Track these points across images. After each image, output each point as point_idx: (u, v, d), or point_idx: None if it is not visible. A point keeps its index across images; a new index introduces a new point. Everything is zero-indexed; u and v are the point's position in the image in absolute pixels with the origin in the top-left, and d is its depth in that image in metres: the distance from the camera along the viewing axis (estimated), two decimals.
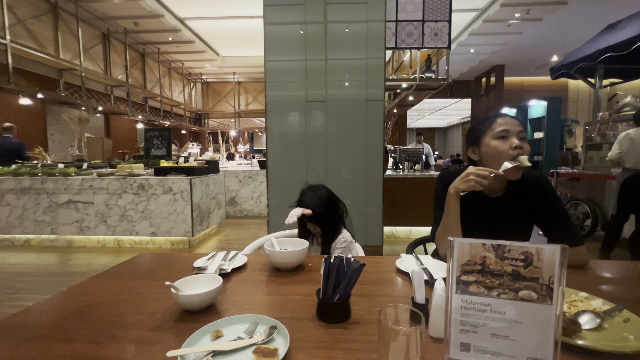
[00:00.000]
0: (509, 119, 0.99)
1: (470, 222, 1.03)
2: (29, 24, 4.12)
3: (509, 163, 0.93)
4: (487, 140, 1.00)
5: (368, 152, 2.73)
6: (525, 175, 1.03)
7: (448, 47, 3.49)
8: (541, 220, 1.03)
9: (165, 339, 0.58)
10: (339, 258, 0.67)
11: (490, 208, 1.05)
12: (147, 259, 1.05)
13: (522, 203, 1.03)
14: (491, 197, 1.05)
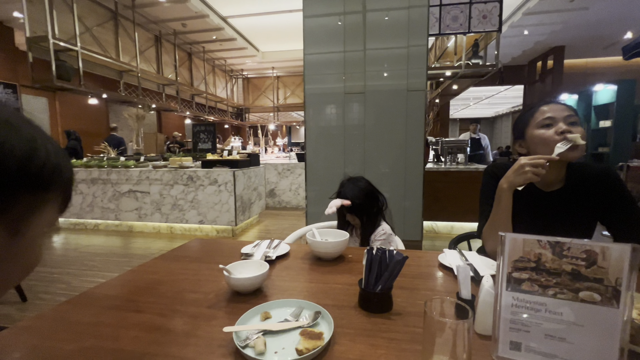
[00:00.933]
0: (553, 105, 0.92)
1: (522, 218, 0.96)
2: (94, 31, 4.59)
3: (562, 144, 0.85)
4: (532, 130, 0.94)
5: (408, 145, 2.65)
6: (588, 168, 0.94)
7: (498, 30, 3.23)
8: (607, 218, 0.93)
9: (219, 316, 0.64)
10: (381, 250, 0.67)
11: (545, 203, 0.97)
12: (199, 245, 1.14)
13: (584, 197, 0.94)
14: (547, 191, 0.97)
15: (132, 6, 4.94)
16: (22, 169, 0.28)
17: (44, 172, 0.30)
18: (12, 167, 0.27)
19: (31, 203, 0.30)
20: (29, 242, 0.31)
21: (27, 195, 0.29)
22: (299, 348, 0.50)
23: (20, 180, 0.28)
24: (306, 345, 0.50)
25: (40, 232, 0.32)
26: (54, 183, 0.31)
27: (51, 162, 0.30)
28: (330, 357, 0.51)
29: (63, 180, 0.32)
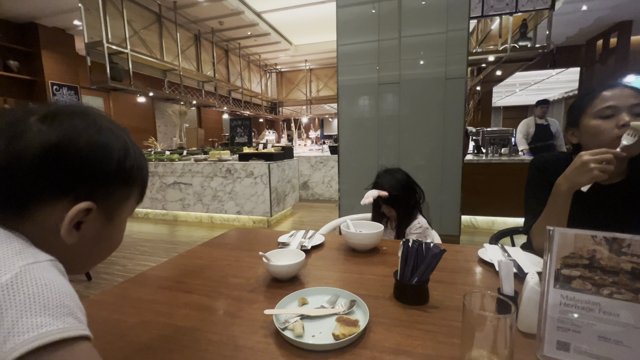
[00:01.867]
0: (618, 90, 0.78)
1: (575, 213, 0.86)
2: (141, 34, 4.92)
3: (629, 136, 0.73)
4: (587, 119, 0.82)
5: (446, 135, 2.54)
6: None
7: (551, 7, 2.94)
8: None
9: (260, 299, 0.68)
10: (417, 242, 0.67)
11: (602, 197, 0.87)
12: (238, 233, 1.21)
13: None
14: (604, 184, 0.88)
15: (174, 7, 5.21)
16: (120, 167, 0.35)
17: (133, 170, 0.37)
18: (113, 166, 0.35)
19: (122, 195, 0.37)
20: (117, 226, 0.39)
21: (120, 188, 0.37)
22: (335, 333, 0.52)
23: (118, 175, 0.36)
24: (342, 331, 0.52)
25: (124, 219, 0.40)
26: (137, 179, 0.39)
27: (137, 162, 0.38)
28: (366, 344, 0.52)
29: (143, 177, 0.41)
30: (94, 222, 0.35)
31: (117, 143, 0.36)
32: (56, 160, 0.31)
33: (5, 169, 0.30)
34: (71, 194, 0.33)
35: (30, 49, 5.54)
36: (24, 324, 0.25)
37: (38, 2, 4.82)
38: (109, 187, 0.35)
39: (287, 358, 0.49)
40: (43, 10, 5.10)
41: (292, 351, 0.51)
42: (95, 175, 0.34)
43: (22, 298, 0.26)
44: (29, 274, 0.27)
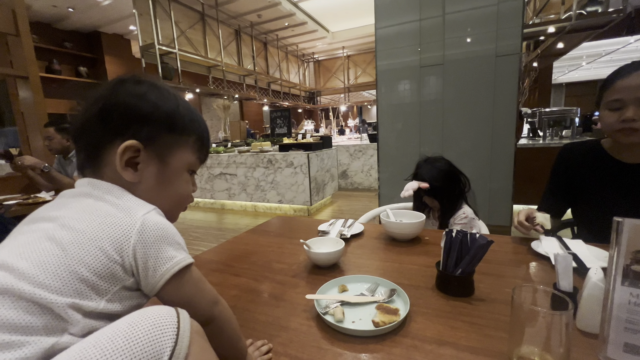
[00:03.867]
0: (630, 80, 0.75)
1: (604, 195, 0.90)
2: (187, 33, 5.21)
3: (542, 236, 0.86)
4: (602, 106, 0.83)
5: (496, 118, 2.35)
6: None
7: None
8: None
9: (302, 285, 0.71)
10: (462, 232, 0.64)
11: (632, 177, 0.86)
12: (280, 221, 1.26)
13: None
14: (631, 163, 0.86)
15: (215, 5, 5.41)
16: (159, 112, 0.41)
17: (176, 117, 0.43)
18: (150, 110, 0.41)
19: (170, 140, 0.43)
20: (175, 172, 0.44)
21: (165, 132, 0.42)
22: (375, 320, 0.53)
23: (158, 120, 0.41)
24: (382, 318, 0.53)
25: (181, 168, 0.45)
26: (190, 129, 0.45)
27: (189, 116, 0.45)
28: (406, 333, 0.52)
29: (198, 129, 0.46)
30: (148, 162, 0.41)
31: (155, 94, 0.42)
32: (106, 110, 0.40)
33: (85, 126, 0.41)
34: (121, 136, 0.40)
35: (96, 55, 6.18)
36: (164, 257, 0.36)
37: (100, 11, 5.33)
38: (151, 129, 0.41)
39: (328, 341, 0.51)
40: (105, 18, 5.63)
41: (332, 335, 0.53)
42: (135, 119, 0.40)
43: (153, 240, 0.36)
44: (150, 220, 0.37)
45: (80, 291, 0.32)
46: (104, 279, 0.34)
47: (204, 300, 0.40)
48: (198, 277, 0.40)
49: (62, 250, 0.33)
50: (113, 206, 0.37)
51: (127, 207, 0.37)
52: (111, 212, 0.36)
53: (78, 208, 0.37)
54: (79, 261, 0.33)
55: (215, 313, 0.41)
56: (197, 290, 0.39)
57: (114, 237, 0.34)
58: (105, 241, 0.34)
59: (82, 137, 0.41)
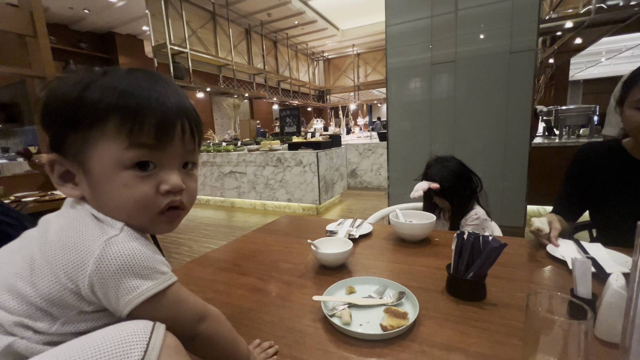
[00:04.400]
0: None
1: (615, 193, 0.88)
2: (198, 33, 5.27)
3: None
4: (626, 105, 0.80)
5: (509, 117, 2.29)
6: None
7: None
8: None
9: (309, 285, 0.70)
10: (473, 235, 0.62)
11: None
12: (288, 221, 1.25)
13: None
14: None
15: (226, 4, 5.45)
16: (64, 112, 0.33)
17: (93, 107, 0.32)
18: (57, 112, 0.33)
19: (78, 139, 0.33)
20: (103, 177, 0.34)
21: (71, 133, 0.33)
22: (383, 324, 0.52)
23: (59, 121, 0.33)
24: (391, 322, 0.51)
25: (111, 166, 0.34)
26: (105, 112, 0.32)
27: (106, 96, 0.32)
28: (415, 338, 0.51)
29: (123, 104, 0.33)
30: (76, 173, 0.35)
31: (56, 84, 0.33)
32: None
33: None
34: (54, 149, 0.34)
35: (110, 55, 6.31)
36: (127, 288, 0.32)
37: (114, 12, 5.44)
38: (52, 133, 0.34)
39: (334, 344, 0.51)
40: (119, 19, 5.74)
41: (339, 337, 0.52)
42: (47, 122, 0.33)
43: (113, 271, 0.31)
44: (112, 248, 0.32)
45: (29, 313, 0.31)
46: (55, 305, 0.31)
47: (185, 320, 0.36)
48: (175, 299, 0.35)
49: (28, 268, 0.32)
50: (77, 228, 0.33)
51: (88, 229, 0.32)
52: (75, 233, 0.32)
53: (59, 223, 0.34)
54: (30, 283, 0.31)
55: (200, 330, 0.38)
56: (175, 312, 0.35)
57: (68, 264, 0.31)
58: (59, 267, 0.31)
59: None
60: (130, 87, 0.33)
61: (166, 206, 0.36)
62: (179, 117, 0.35)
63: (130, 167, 0.33)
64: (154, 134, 0.33)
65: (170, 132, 0.34)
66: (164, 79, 0.36)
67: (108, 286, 0.31)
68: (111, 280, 0.31)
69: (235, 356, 0.42)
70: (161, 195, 0.35)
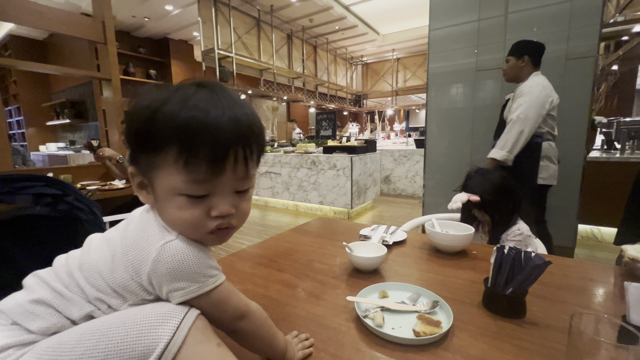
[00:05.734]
0: None
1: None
2: (244, 38, 5.55)
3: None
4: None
5: (562, 127, 2.13)
6: None
7: None
8: None
9: (342, 287, 0.73)
10: (515, 249, 0.60)
11: None
12: (322, 223, 1.29)
13: None
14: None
15: (270, 11, 5.68)
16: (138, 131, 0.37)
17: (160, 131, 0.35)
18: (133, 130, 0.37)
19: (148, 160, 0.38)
20: (164, 198, 0.39)
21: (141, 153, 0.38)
22: (416, 330, 0.52)
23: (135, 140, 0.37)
24: (424, 329, 0.52)
25: (169, 192, 0.38)
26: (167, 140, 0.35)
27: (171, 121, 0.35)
28: (448, 347, 0.51)
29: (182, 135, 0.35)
30: (148, 186, 0.39)
31: (139, 99, 0.36)
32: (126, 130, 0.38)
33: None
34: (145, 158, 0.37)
35: (164, 59, 6.85)
36: (175, 288, 0.37)
37: (170, 20, 5.91)
38: (131, 149, 0.38)
39: (367, 344, 0.52)
40: (173, 26, 6.22)
41: (371, 338, 0.54)
42: (129, 137, 0.37)
43: (165, 272, 0.36)
44: (166, 252, 0.36)
45: (107, 292, 0.38)
46: (126, 291, 0.38)
47: (226, 317, 0.41)
48: (218, 299, 0.39)
49: (111, 257, 0.39)
50: (144, 230, 0.39)
51: (152, 233, 0.38)
52: (141, 236, 0.38)
53: (134, 223, 0.41)
54: (110, 271, 0.38)
55: (240, 326, 0.42)
56: (217, 311, 0.39)
57: (135, 260, 0.37)
58: (130, 261, 0.37)
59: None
60: (189, 119, 0.34)
61: (215, 228, 0.39)
62: (233, 148, 0.36)
63: (187, 195, 0.36)
64: (205, 170, 0.35)
65: (223, 166, 0.36)
66: (228, 100, 0.37)
67: (161, 283, 0.37)
68: (163, 279, 0.36)
69: (272, 349, 0.46)
70: (211, 219, 0.38)
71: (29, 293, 0.38)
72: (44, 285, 0.39)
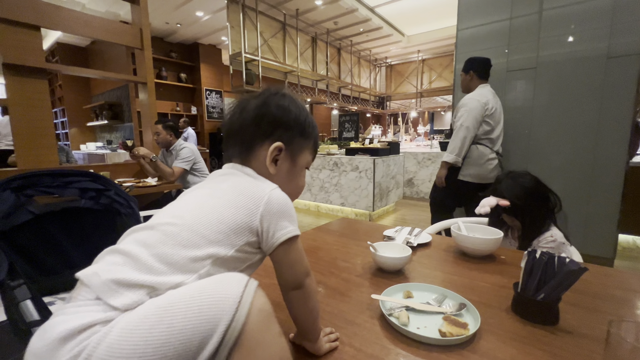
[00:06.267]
0: None
1: None
2: (269, 42, 5.67)
3: None
4: None
5: (601, 131, 2.02)
6: None
7: None
8: None
9: (366, 285, 0.73)
10: (547, 254, 0.59)
11: None
12: (345, 223, 1.29)
13: None
14: None
15: (296, 15, 5.77)
16: (296, 122, 0.54)
17: (307, 126, 0.56)
18: (292, 120, 0.54)
19: (300, 143, 0.55)
20: (299, 170, 0.57)
21: (298, 137, 0.55)
22: (442, 330, 0.52)
23: (296, 127, 0.54)
24: (450, 329, 0.52)
25: (303, 167, 0.57)
26: (310, 135, 0.57)
27: (310, 122, 0.56)
28: (475, 349, 0.51)
29: (315, 135, 0.58)
30: (284, 160, 0.54)
31: (294, 107, 0.55)
32: (261, 117, 0.52)
33: (241, 127, 0.53)
34: (270, 138, 0.52)
35: (193, 63, 7.14)
36: (281, 226, 0.46)
37: (200, 25, 6.16)
38: (291, 134, 0.53)
39: (391, 341, 0.53)
40: (203, 31, 6.48)
41: (396, 336, 0.54)
42: (282, 125, 0.53)
43: (275, 211, 0.46)
44: (275, 195, 0.48)
45: (219, 240, 0.43)
46: (236, 233, 0.44)
47: (302, 268, 0.48)
48: (301, 248, 0.49)
49: (213, 211, 0.45)
50: (250, 183, 0.49)
51: (259, 184, 0.49)
52: (249, 186, 0.48)
53: (228, 182, 0.50)
54: (221, 220, 0.44)
55: (306, 282, 0.48)
56: (299, 258, 0.48)
57: (248, 205, 0.45)
58: (242, 207, 0.45)
59: (238, 135, 0.54)
60: (315, 124, 0.58)
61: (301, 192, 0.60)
62: None
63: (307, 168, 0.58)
64: (315, 154, 0.60)
65: None
66: None
67: (270, 221, 0.46)
68: (273, 217, 0.46)
69: (316, 323, 0.50)
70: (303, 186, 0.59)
71: (113, 270, 0.39)
72: (129, 262, 0.40)
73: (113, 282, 0.38)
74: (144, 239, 0.43)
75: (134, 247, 0.42)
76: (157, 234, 0.43)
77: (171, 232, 0.43)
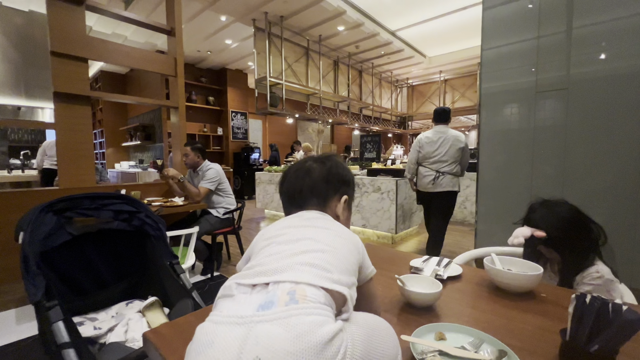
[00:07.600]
0: None
1: None
2: (293, 66, 5.89)
3: None
4: None
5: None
6: None
7: None
8: None
9: (394, 322, 0.69)
10: (599, 300, 0.53)
11: None
12: (369, 249, 1.25)
13: None
14: None
15: (319, 40, 5.99)
16: (351, 180, 0.73)
17: (353, 181, 0.73)
18: (350, 179, 0.72)
19: (352, 195, 0.72)
20: (350, 213, 0.73)
21: (352, 190, 0.72)
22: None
23: (352, 185, 0.73)
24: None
25: (351, 210, 0.75)
26: (354, 187, 0.74)
27: (354, 180, 0.74)
28: None
29: (354, 185, 0.74)
30: (347, 208, 0.70)
31: (348, 170, 0.73)
32: (331, 177, 0.69)
33: (314, 184, 0.68)
34: (339, 192, 0.69)
35: (221, 87, 7.52)
36: (368, 264, 0.62)
37: (229, 52, 6.53)
38: (350, 189, 0.72)
39: None
40: (231, 58, 6.85)
41: None
42: (346, 183, 0.71)
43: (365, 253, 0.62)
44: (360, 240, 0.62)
45: (353, 272, 0.54)
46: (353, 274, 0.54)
47: (377, 299, 0.66)
48: (375, 283, 0.66)
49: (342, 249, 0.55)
50: (344, 228, 0.62)
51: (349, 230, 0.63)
52: (346, 230, 0.62)
53: (329, 223, 0.62)
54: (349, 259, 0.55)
55: (379, 311, 0.66)
56: (375, 290, 0.66)
57: (354, 250, 0.57)
58: (354, 249, 0.57)
59: (315, 189, 0.68)
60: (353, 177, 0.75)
61: None
62: None
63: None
64: None
65: None
66: None
67: (364, 261, 0.60)
68: (365, 258, 0.61)
69: None
70: None
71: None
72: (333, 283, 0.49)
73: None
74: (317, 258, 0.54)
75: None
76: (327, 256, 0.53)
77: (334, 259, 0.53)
